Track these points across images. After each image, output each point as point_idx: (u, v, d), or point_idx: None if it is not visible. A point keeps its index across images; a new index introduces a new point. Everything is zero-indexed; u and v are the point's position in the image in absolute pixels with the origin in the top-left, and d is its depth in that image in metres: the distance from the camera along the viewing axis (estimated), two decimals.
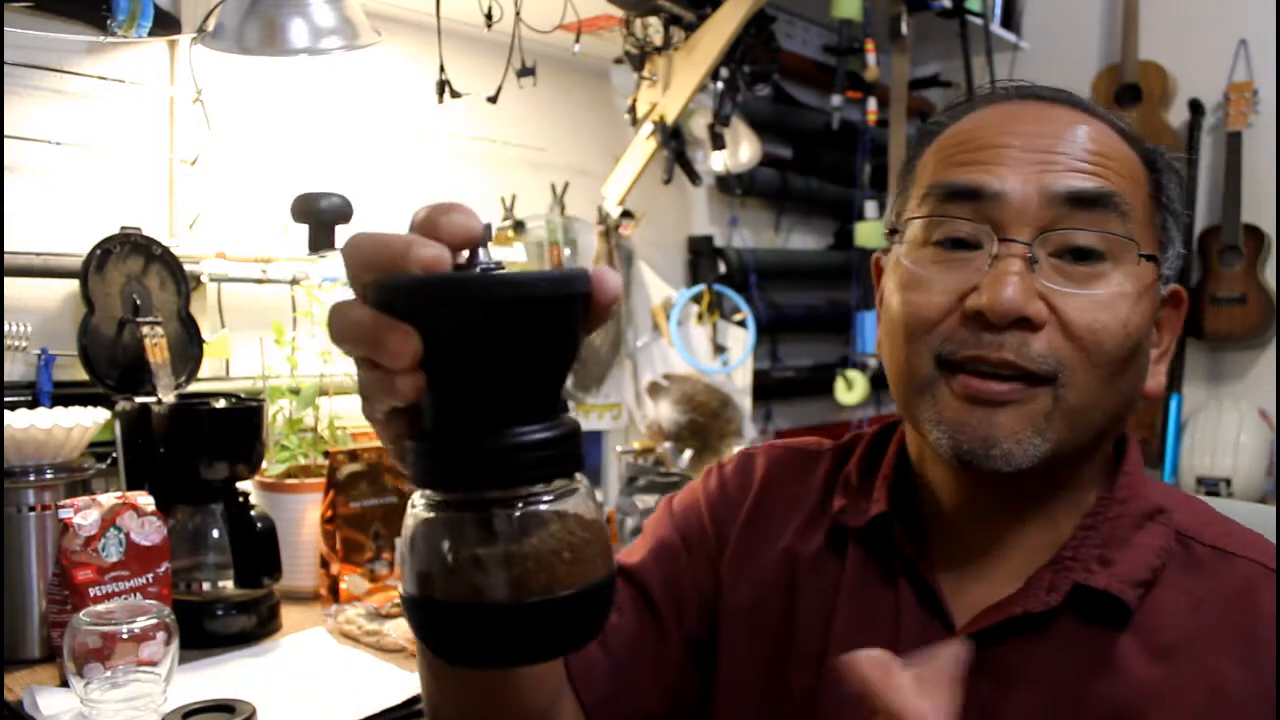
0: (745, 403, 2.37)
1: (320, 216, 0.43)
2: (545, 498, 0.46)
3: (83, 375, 1.45)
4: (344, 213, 0.43)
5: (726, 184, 2.64)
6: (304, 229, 0.47)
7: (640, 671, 0.78)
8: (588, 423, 2.25)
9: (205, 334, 1.59)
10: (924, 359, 0.66)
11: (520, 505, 0.45)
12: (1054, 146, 0.66)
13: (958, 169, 0.67)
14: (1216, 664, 0.63)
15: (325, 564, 1.52)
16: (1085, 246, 0.64)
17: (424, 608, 0.46)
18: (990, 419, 0.63)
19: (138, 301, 1.48)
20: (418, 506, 0.46)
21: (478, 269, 0.45)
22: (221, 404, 1.39)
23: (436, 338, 0.43)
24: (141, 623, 1.05)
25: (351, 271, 0.44)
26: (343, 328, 0.43)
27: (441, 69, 1.73)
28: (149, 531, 1.21)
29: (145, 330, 1.46)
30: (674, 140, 2.12)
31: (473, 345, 0.43)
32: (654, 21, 2.01)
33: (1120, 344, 0.64)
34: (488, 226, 0.45)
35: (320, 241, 0.46)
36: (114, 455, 1.40)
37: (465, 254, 0.45)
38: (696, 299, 2.40)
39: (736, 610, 0.79)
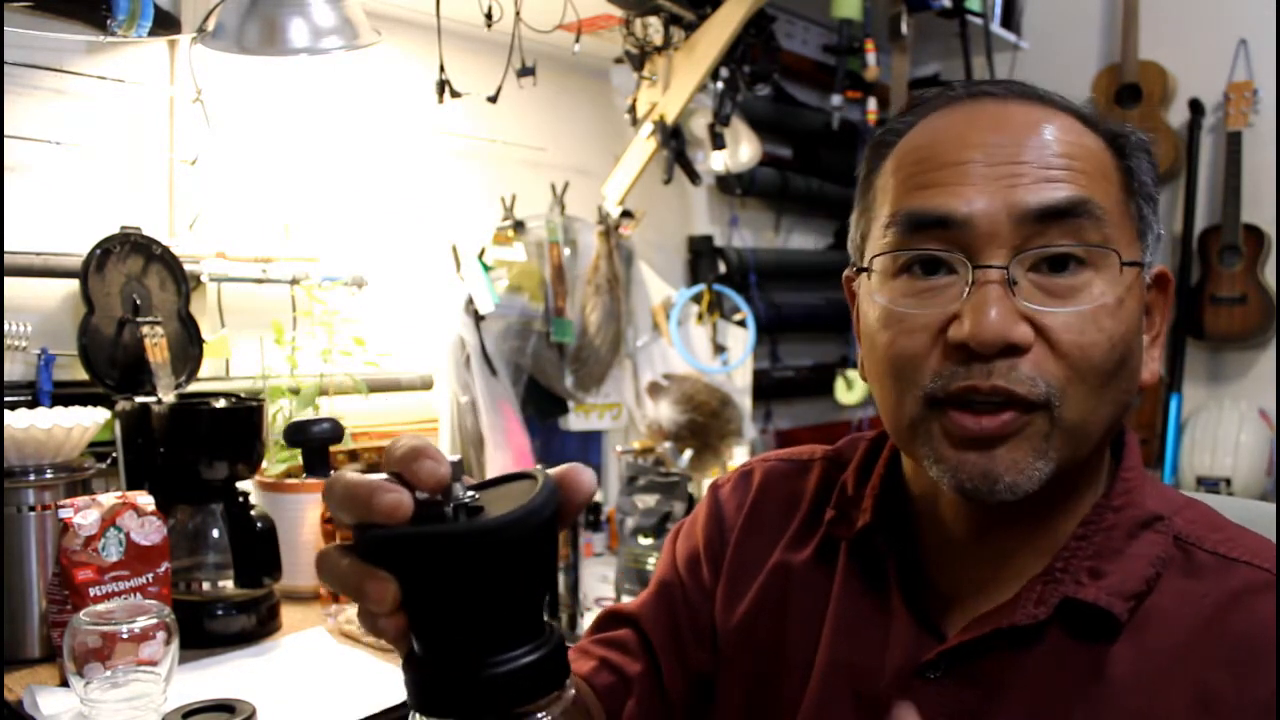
0: (745, 403, 2.37)
1: (311, 442, 0.44)
2: (539, 715, 0.48)
3: (83, 375, 1.45)
4: (334, 436, 0.45)
5: (726, 184, 2.64)
6: (299, 451, 0.49)
7: (656, 713, 0.81)
8: (588, 422, 2.25)
9: (205, 334, 1.59)
10: (915, 399, 0.64)
11: None
12: (1018, 155, 0.63)
13: (920, 193, 0.64)
14: (1207, 674, 0.61)
15: None
16: (1064, 255, 0.62)
17: None
18: (989, 455, 0.62)
19: (138, 301, 1.48)
20: None
21: (450, 506, 0.47)
22: (221, 404, 1.39)
23: (412, 584, 0.45)
24: (141, 623, 1.05)
25: (333, 512, 0.47)
26: (329, 574, 0.47)
27: (441, 69, 1.73)
28: (149, 531, 1.21)
29: (145, 330, 1.46)
30: (674, 140, 2.12)
31: (446, 591, 0.46)
32: (654, 21, 2.01)
33: (1108, 356, 0.62)
34: (458, 463, 0.47)
35: (315, 464, 0.48)
36: (114, 455, 1.40)
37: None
38: (696, 299, 2.40)
39: (731, 628, 0.80)
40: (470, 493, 0.47)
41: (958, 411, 0.62)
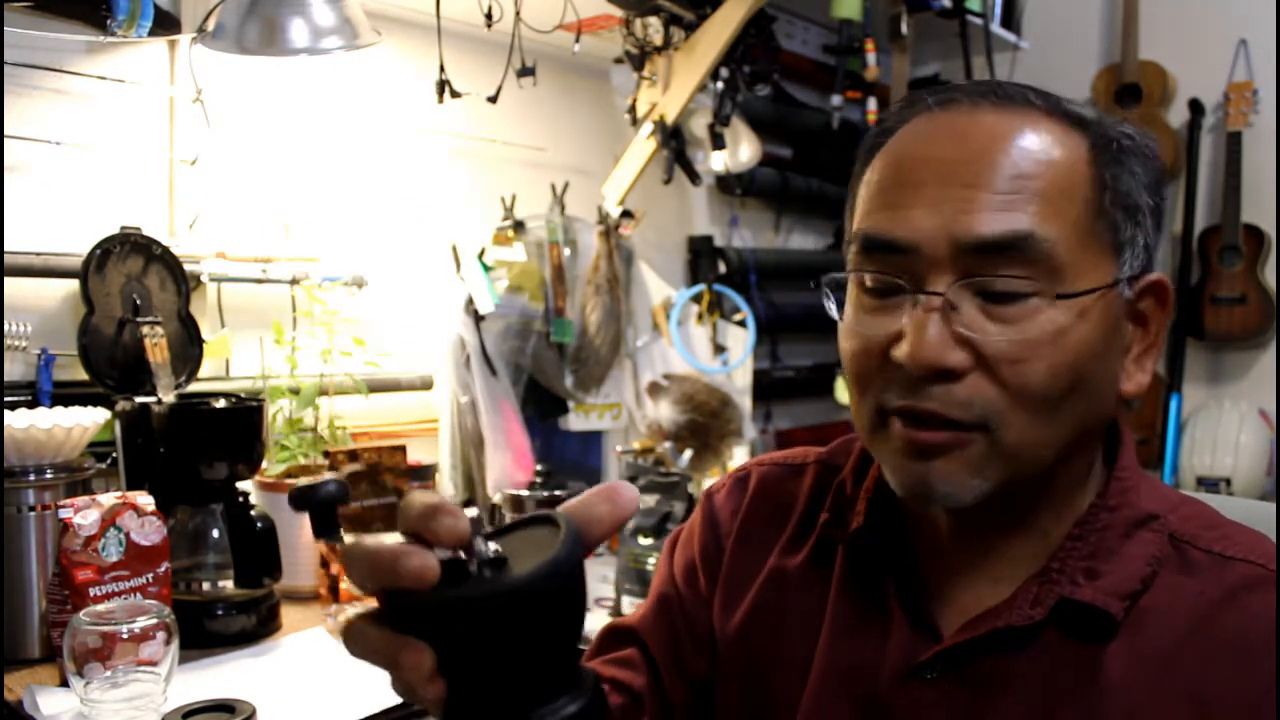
0: (745, 403, 2.37)
1: (319, 504, 0.45)
2: None
3: (83, 375, 1.45)
4: (341, 497, 0.46)
5: (726, 184, 2.64)
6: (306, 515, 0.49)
7: None
8: (588, 422, 2.25)
9: (205, 334, 1.59)
10: (870, 409, 0.67)
11: None
12: (969, 178, 0.63)
13: (876, 215, 0.66)
14: (1202, 672, 0.62)
15: (325, 564, 1.52)
16: (1003, 291, 0.62)
17: None
18: (927, 465, 0.64)
19: (138, 301, 1.48)
20: None
21: (475, 562, 0.46)
22: (221, 404, 1.39)
23: (448, 648, 0.45)
24: (141, 623, 1.05)
25: (355, 581, 0.46)
26: (359, 647, 0.46)
27: (441, 69, 1.73)
28: (149, 531, 1.21)
29: (145, 330, 1.46)
30: (674, 140, 2.12)
31: (483, 651, 0.45)
32: (654, 21, 2.01)
33: (1049, 384, 0.62)
34: (477, 518, 0.47)
35: (324, 528, 0.48)
36: (114, 455, 1.40)
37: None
38: (696, 299, 2.40)
39: (728, 634, 0.80)
40: (492, 545, 0.47)
41: (901, 422, 0.65)
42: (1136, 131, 0.68)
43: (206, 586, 1.36)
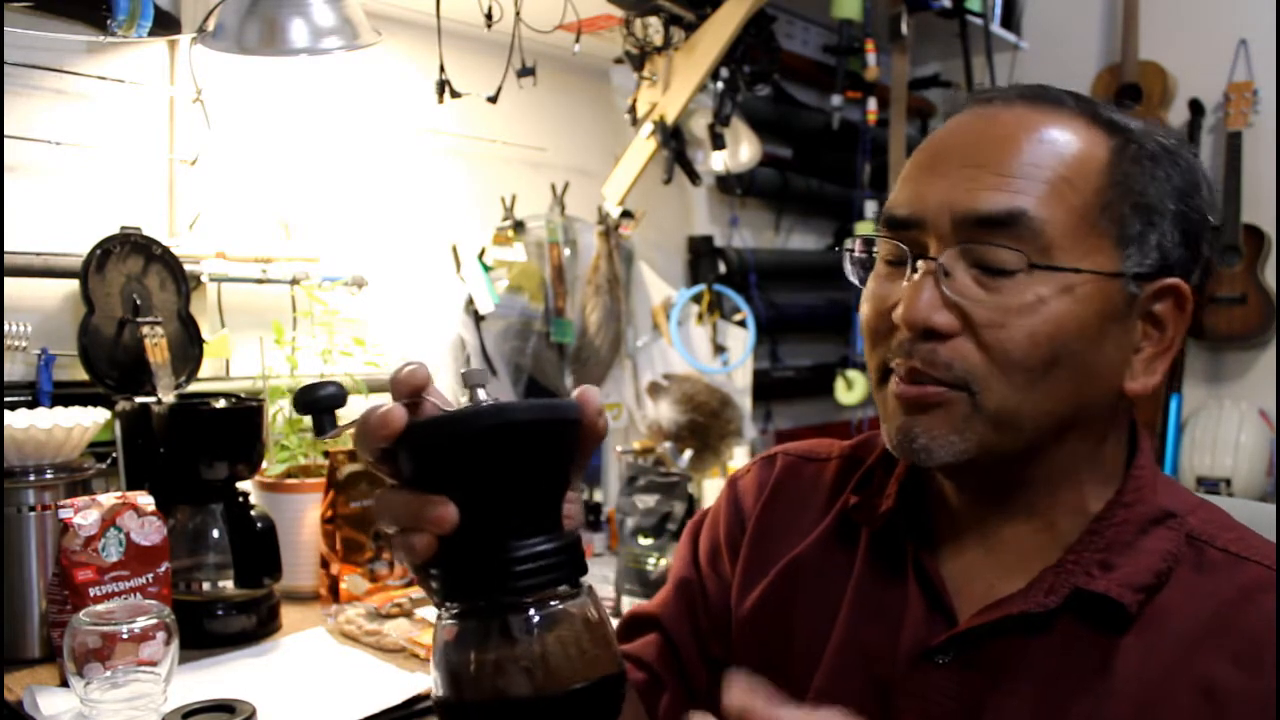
0: (745, 403, 2.37)
1: (318, 404, 0.49)
2: (553, 603, 0.52)
3: (83, 375, 1.45)
4: (338, 401, 0.51)
5: (726, 184, 2.64)
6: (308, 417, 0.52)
7: (687, 707, 0.82)
8: None
9: (205, 334, 1.59)
10: (874, 365, 0.72)
11: (533, 610, 0.52)
12: (979, 160, 0.68)
13: (898, 194, 0.72)
14: (1212, 666, 0.63)
15: (325, 564, 1.52)
16: (994, 262, 0.66)
17: (454, 709, 0.52)
18: (912, 419, 0.68)
19: (138, 301, 1.48)
20: (444, 619, 0.53)
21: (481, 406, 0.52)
22: (221, 404, 1.39)
23: (457, 477, 0.50)
24: (141, 623, 1.05)
25: (363, 453, 0.53)
26: (388, 510, 0.52)
27: (441, 69, 1.73)
28: (149, 531, 1.21)
29: (145, 330, 1.46)
30: (674, 140, 2.12)
31: (487, 475, 0.51)
32: (654, 21, 2.01)
33: (1027, 351, 0.65)
34: (482, 370, 0.54)
35: (323, 426, 0.54)
36: (114, 455, 1.40)
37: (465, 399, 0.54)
38: (696, 299, 2.40)
39: (743, 615, 0.82)
40: (494, 397, 0.53)
41: (895, 378, 0.70)
42: (1175, 142, 0.71)
43: (206, 586, 1.36)
